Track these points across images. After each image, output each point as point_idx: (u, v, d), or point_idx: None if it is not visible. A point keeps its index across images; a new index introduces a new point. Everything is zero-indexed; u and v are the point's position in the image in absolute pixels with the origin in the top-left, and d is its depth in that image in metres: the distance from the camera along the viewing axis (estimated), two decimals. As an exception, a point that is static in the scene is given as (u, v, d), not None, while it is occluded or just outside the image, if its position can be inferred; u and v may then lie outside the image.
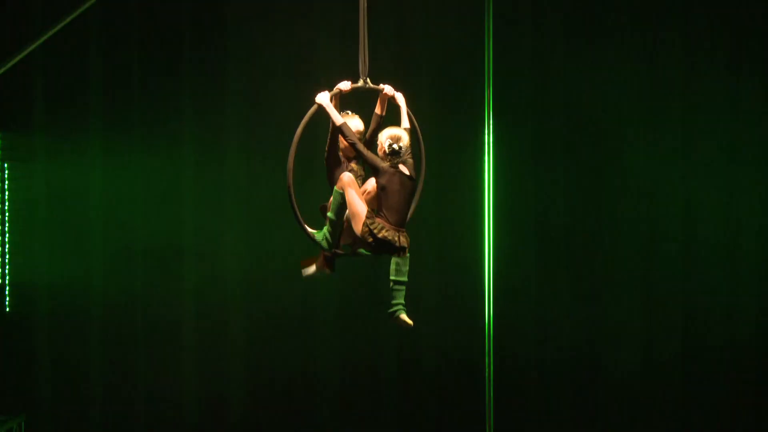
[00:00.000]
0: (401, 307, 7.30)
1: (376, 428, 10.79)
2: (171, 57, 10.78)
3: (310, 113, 7.12)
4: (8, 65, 7.93)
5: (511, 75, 10.69)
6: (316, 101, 7.15)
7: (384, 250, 7.18)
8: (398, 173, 7.16)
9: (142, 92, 10.79)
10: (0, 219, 10.80)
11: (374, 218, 7.12)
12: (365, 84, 7.33)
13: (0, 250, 10.81)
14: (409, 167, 7.23)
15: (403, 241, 7.17)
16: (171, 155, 10.83)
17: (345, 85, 7.26)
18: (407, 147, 7.21)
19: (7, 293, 10.82)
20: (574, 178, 10.84)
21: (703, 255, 10.78)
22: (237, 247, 10.84)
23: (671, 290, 10.78)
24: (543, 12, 10.81)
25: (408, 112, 7.42)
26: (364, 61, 7.33)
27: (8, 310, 10.81)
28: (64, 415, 10.82)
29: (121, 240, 10.85)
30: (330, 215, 7.21)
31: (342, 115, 7.18)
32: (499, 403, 10.48)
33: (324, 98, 7.15)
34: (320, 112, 7.17)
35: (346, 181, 7.17)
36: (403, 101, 7.43)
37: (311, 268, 7.44)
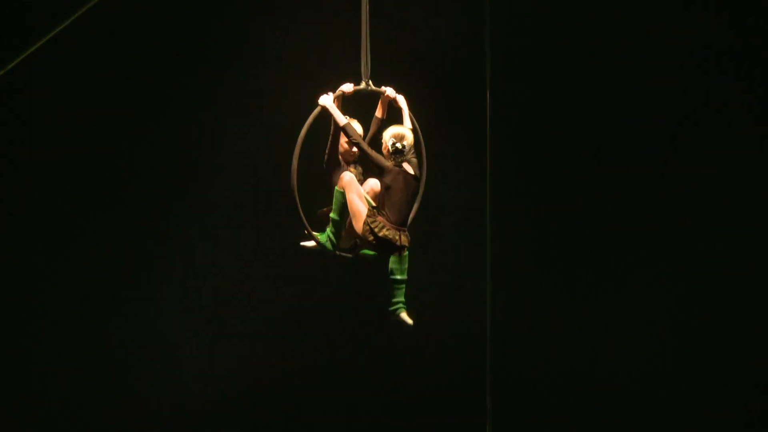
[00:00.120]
0: (401, 306, 7.30)
1: (376, 428, 10.78)
2: (171, 57, 10.73)
3: (314, 115, 7.14)
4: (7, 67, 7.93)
5: (511, 75, 10.70)
6: (320, 103, 7.17)
7: (385, 249, 7.17)
8: (402, 172, 7.16)
9: (143, 92, 10.74)
10: None
11: (375, 217, 7.12)
12: (367, 86, 7.35)
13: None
14: (413, 166, 7.23)
15: (404, 240, 7.17)
16: (171, 156, 10.79)
17: (347, 87, 7.29)
18: (411, 146, 7.21)
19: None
20: (575, 179, 10.86)
21: (704, 255, 10.80)
22: (237, 248, 10.82)
23: (672, 291, 10.81)
24: (543, 12, 10.83)
25: (410, 115, 7.43)
26: (366, 64, 7.35)
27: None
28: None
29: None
30: (333, 215, 7.22)
31: None
32: (499, 404, 10.46)
33: (327, 100, 7.16)
34: (322, 115, 7.18)
35: (347, 181, 7.18)
36: (405, 104, 7.45)
37: (310, 242, 7.37)
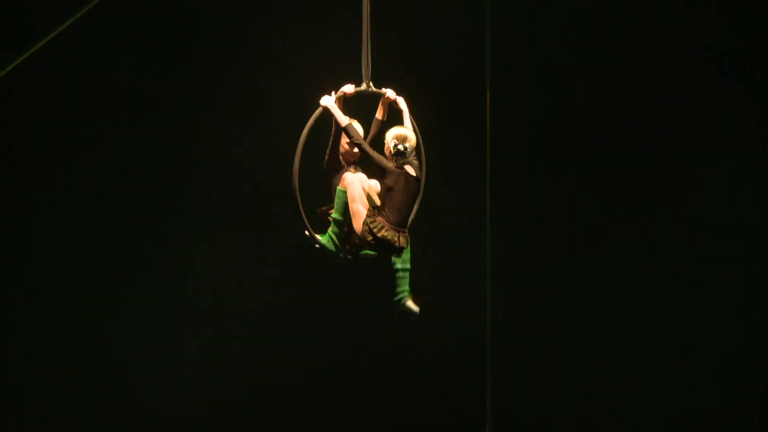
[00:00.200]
0: (407, 293, 7.28)
1: (376, 428, 10.76)
2: (171, 58, 10.72)
3: (315, 115, 7.14)
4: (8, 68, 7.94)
5: (512, 76, 10.72)
6: (321, 104, 7.17)
7: (383, 250, 7.17)
8: (404, 174, 7.17)
9: (143, 94, 10.72)
10: None
11: (375, 217, 7.12)
12: (368, 87, 7.35)
13: None
14: (415, 168, 7.24)
15: (403, 242, 7.17)
16: (171, 157, 10.77)
17: (349, 88, 7.30)
18: (413, 147, 7.22)
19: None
20: (575, 179, 10.87)
21: (705, 256, 10.82)
22: (236, 249, 10.81)
23: (673, 291, 10.82)
24: (543, 13, 10.85)
25: (410, 117, 7.44)
26: (367, 65, 7.35)
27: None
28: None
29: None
30: (335, 215, 7.22)
31: None
32: (499, 404, 10.45)
33: (329, 101, 7.17)
34: (323, 116, 7.18)
35: (349, 180, 7.19)
36: (405, 105, 7.45)
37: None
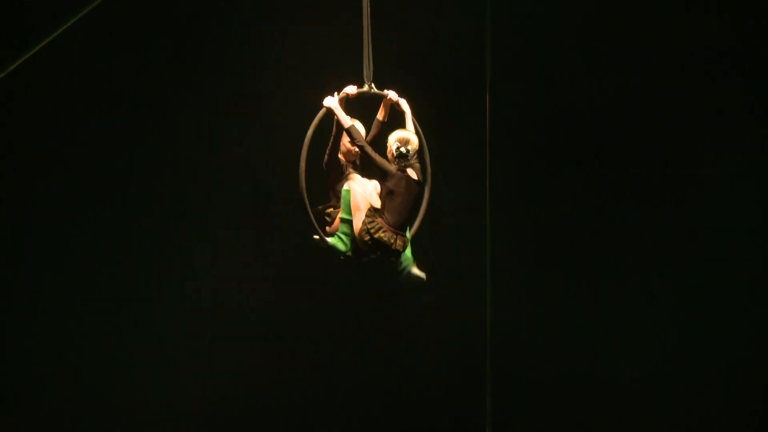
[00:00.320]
0: (410, 261, 7.25)
1: (376, 428, 10.75)
2: (171, 59, 10.70)
3: (319, 116, 7.15)
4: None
5: (512, 77, 10.74)
6: (324, 105, 7.17)
7: (379, 252, 7.14)
8: (406, 177, 7.16)
9: (143, 94, 10.69)
10: None
11: (374, 218, 7.11)
12: (370, 89, 7.35)
13: None
14: (417, 171, 7.23)
15: (399, 245, 7.13)
16: (171, 158, 10.74)
17: (351, 90, 7.30)
18: (415, 150, 7.21)
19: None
20: (575, 180, 10.90)
21: (705, 256, 10.86)
22: (236, 250, 10.79)
23: (673, 292, 10.85)
24: (543, 14, 10.88)
25: (412, 119, 7.44)
26: (369, 66, 7.36)
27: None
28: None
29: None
30: (344, 215, 7.21)
31: None
32: (499, 404, 10.45)
33: (332, 101, 7.17)
34: (324, 117, 7.18)
35: (352, 182, 7.20)
36: (408, 107, 7.45)
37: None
